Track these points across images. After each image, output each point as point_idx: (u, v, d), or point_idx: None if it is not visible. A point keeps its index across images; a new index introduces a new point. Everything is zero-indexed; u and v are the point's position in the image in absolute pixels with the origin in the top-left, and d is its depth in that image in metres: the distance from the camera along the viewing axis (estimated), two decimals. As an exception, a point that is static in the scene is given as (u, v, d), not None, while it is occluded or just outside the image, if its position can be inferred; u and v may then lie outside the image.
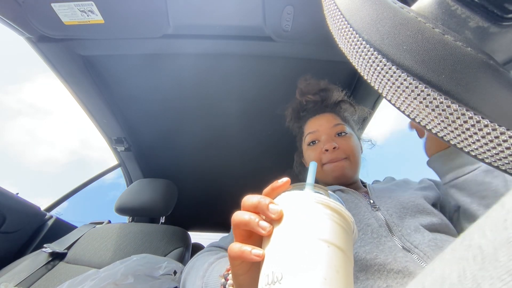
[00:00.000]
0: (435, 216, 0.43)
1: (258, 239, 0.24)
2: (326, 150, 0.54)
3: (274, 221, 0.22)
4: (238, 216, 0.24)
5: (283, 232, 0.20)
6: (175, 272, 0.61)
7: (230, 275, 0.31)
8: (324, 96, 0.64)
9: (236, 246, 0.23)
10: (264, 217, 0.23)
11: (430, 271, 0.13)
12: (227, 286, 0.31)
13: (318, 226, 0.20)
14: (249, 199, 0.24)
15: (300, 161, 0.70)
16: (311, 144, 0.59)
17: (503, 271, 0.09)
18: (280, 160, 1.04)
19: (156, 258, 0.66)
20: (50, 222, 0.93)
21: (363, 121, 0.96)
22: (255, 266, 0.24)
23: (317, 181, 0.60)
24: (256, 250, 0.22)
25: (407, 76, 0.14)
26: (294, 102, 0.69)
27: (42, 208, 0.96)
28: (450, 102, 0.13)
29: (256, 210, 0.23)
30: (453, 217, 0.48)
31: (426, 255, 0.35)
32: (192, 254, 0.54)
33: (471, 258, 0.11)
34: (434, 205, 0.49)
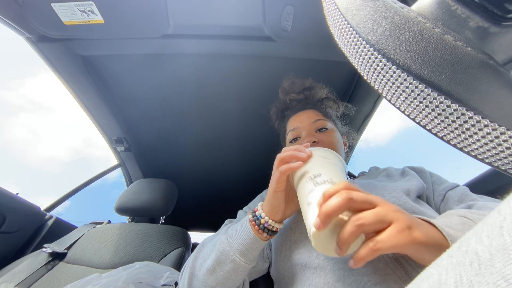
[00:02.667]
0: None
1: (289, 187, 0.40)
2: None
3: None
4: (283, 153, 0.38)
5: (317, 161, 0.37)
6: (176, 284, 0.60)
7: (259, 207, 0.40)
8: (308, 94, 0.64)
9: (289, 148, 0.38)
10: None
11: (427, 276, 0.13)
12: (259, 209, 0.40)
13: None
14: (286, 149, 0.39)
15: None
16: (292, 141, 0.58)
17: (499, 277, 0.09)
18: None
19: (158, 267, 0.66)
20: (50, 222, 0.93)
21: (364, 120, 0.96)
22: (289, 187, 0.40)
23: None
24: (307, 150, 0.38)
25: (407, 76, 0.14)
26: (278, 102, 0.68)
27: (42, 208, 0.96)
28: (450, 102, 0.13)
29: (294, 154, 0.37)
30: (440, 207, 0.47)
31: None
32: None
33: (468, 264, 0.11)
34: (419, 197, 0.48)
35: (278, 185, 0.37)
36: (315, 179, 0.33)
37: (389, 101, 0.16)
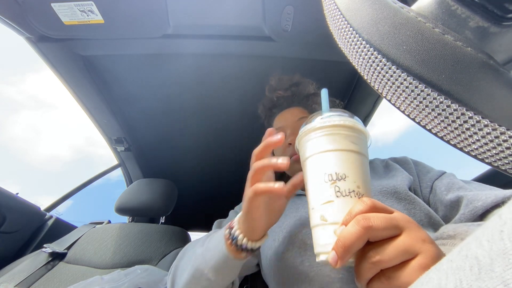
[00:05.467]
0: None
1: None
2: (290, 144, 0.53)
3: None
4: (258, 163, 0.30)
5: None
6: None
7: (235, 223, 0.34)
8: (295, 90, 0.62)
9: (261, 185, 0.28)
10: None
11: (427, 281, 0.13)
12: (235, 226, 0.33)
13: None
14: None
15: None
16: None
17: (498, 281, 0.09)
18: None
19: (158, 271, 0.66)
20: (50, 222, 0.93)
21: (364, 120, 0.95)
22: (266, 200, 0.32)
23: (287, 176, 0.59)
24: (281, 160, 0.28)
25: (407, 76, 0.14)
26: (265, 100, 0.67)
27: (42, 208, 0.96)
28: (450, 102, 0.13)
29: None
30: (429, 200, 0.45)
31: None
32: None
33: (468, 269, 0.11)
34: (409, 189, 0.45)
35: (252, 208, 0.30)
36: (338, 184, 0.25)
37: (389, 101, 0.16)
